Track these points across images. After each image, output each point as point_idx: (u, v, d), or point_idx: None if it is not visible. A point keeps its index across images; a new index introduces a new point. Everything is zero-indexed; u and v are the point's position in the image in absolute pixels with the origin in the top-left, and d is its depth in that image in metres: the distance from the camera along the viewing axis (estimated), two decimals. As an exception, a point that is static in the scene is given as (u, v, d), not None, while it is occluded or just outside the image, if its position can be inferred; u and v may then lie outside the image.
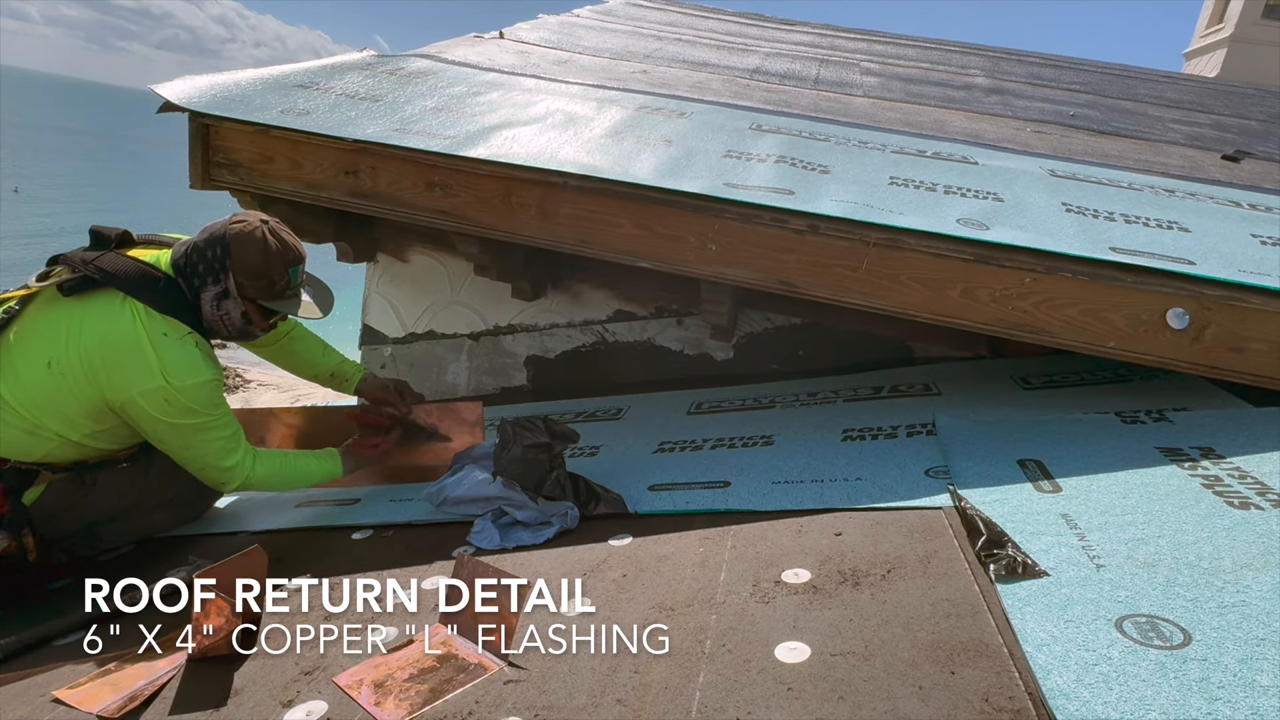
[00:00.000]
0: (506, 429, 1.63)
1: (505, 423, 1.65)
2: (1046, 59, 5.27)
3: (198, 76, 2.29)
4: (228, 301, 1.66)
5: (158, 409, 1.57)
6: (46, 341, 1.56)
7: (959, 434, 1.70)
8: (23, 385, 1.56)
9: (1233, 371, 1.64)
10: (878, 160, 2.28)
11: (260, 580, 1.34)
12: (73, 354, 1.55)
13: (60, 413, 1.57)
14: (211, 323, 1.69)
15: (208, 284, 1.64)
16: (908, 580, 1.13)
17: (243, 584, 1.29)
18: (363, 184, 2.09)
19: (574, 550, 1.45)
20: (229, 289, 1.65)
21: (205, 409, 1.62)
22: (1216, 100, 4.41)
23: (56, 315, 1.58)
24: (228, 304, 1.66)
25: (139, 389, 1.55)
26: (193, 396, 1.59)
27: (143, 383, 1.55)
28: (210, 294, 1.65)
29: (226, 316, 1.68)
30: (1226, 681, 0.81)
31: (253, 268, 1.64)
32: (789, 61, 4.15)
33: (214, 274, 1.64)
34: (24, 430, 1.57)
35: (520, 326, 3.03)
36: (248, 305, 1.68)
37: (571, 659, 1.08)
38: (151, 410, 1.57)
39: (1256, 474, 1.30)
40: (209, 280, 1.64)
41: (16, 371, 1.56)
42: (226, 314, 1.67)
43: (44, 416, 1.57)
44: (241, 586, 1.28)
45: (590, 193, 1.95)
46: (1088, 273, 1.68)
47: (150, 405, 1.56)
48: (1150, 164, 2.65)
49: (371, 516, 1.76)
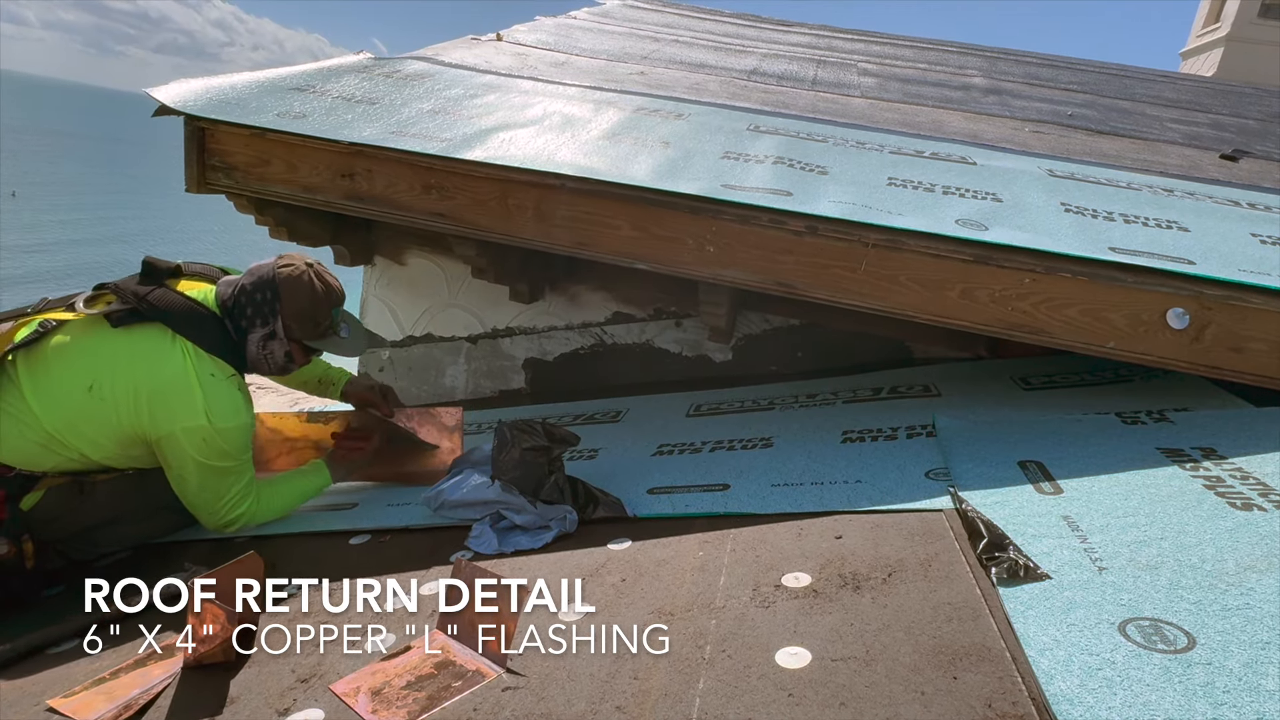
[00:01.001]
0: (504, 432, 1.62)
1: (503, 425, 1.64)
2: (1044, 59, 5.28)
3: (193, 80, 2.29)
4: (274, 342, 1.72)
5: (195, 448, 1.61)
6: (90, 365, 1.58)
7: (959, 435, 1.69)
8: (55, 402, 1.57)
9: (1233, 371, 1.63)
10: (876, 161, 2.28)
11: (257, 586, 1.33)
12: (120, 383, 1.57)
13: (89, 435, 1.59)
14: (255, 361, 1.75)
15: (256, 326, 1.70)
16: (909, 584, 1.12)
17: (239, 590, 1.28)
18: (359, 187, 2.08)
19: (572, 555, 1.44)
20: (276, 330, 1.71)
21: (237, 453, 1.67)
22: (1214, 99, 4.41)
23: (101, 341, 1.60)
24: (274, 344, 1.72)
25: (182, 425, 1.59)
26: (231, 439, 1.64)
27: (186, 420, 1.59)
28: (257, 335, 1.71)
29: (271, 356, 1.74)
30: (1231, 686, 0.80)
31: (300, 311, 1.71)
32: (786, 63, 4.14)
33: (263, 317, 1.70)
34: (38, 443, 1.57)
35: (518, 329, 3.03)
36: (292, 345, 1.75)
37: (570, 665, 1.07)
38: (189, 448, 1.61)
39: (1258, 475, 1.29)
40: (258, 323, 1.70)
41: (51, 388, 1.57)
42: (271, 353, 1.74)
43: (69, 435, 1.58)
44: (238, 592, 1.27)
45: (587, 195, 1.94)
46: (1087, 273, 1.67)
47: (189, 442, 1.60)
48: (1149, 163, 2.64)
49: (369, 521, 1.75)
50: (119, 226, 18.59)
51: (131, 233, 17.74)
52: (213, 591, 1.20)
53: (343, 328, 1.85)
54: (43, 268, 14.40)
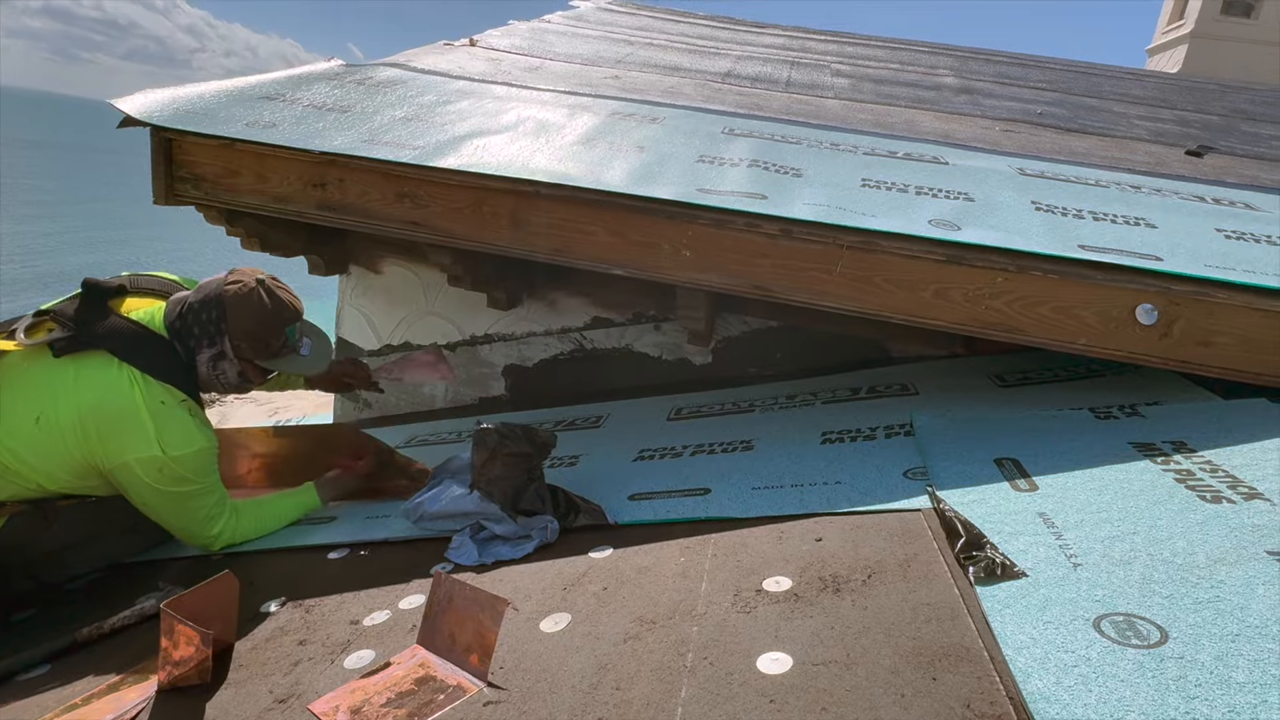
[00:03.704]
0: (488, 437, 1.59)
1: (485, 430, 1.60)
2: (1013, 58, 5.35)
3: (159, 89, 2.25)
4: (224, 363, 1.68)
5: (151, 477, 1.58)
6: (35, 396, 1.54)
7: (936, 434, 1.71)
8: (5, 433, 1.53)
9: (1201, 365, 1.66)
10: (850, 162, 2.29)
11: (232, 607, 1.31)
12: (65, 414, 1.53)
13: (41, 467, 1.56)
14: (207, 382, 1.71)
15: (203, 346, 1.65)
16: (888, 585, 1.13)
17: (214, 611, 1.26)
18: (331, 196, 2.06)
19: (554, 564, 1.43)
20: (225, 351, 1.66)
21: (197, 477, 1.63)
22: (1179, 96, 4.50)
23: (46, 371, 1.55)
24: (224, 365, 1.68)
25: (134, 456, 1.55)
26: (187, 465, 1.60)
27: (138, 450, 1.55)
28: (206, 356, 1.66)
29: (223, 376, 1.70)
30: (1203, 679, 0.81)
31: (249, 331, 1.66)
32: (760, 64, 4.16)
33: (210, 337, 1.64)
34: None
35: (497, 336, 3.01)
36: (244, 365, 1.70)
37: (552, 677, 1.06)
38: (144, 477, 1.58)
39: (1227, 467, 1.32)
40: (204, 343, 1.65)
41: (1, 417, 1.54)
42: (223, 374, 1.69)
43: (22, 466, 1.55)
44: (212, 614, 1.25)
45: (563, 201, 1.94)
46: (1058, 271, 1.69)
47: (144, 472, 1.57)
48: (1117, 161, 2.69)
49: (347, 535, 1.73)
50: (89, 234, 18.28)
51: (101, 240, 17.45)
52: (185, 616, 1.17)
53: (303, 343, 1.80)
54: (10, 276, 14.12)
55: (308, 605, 1.44)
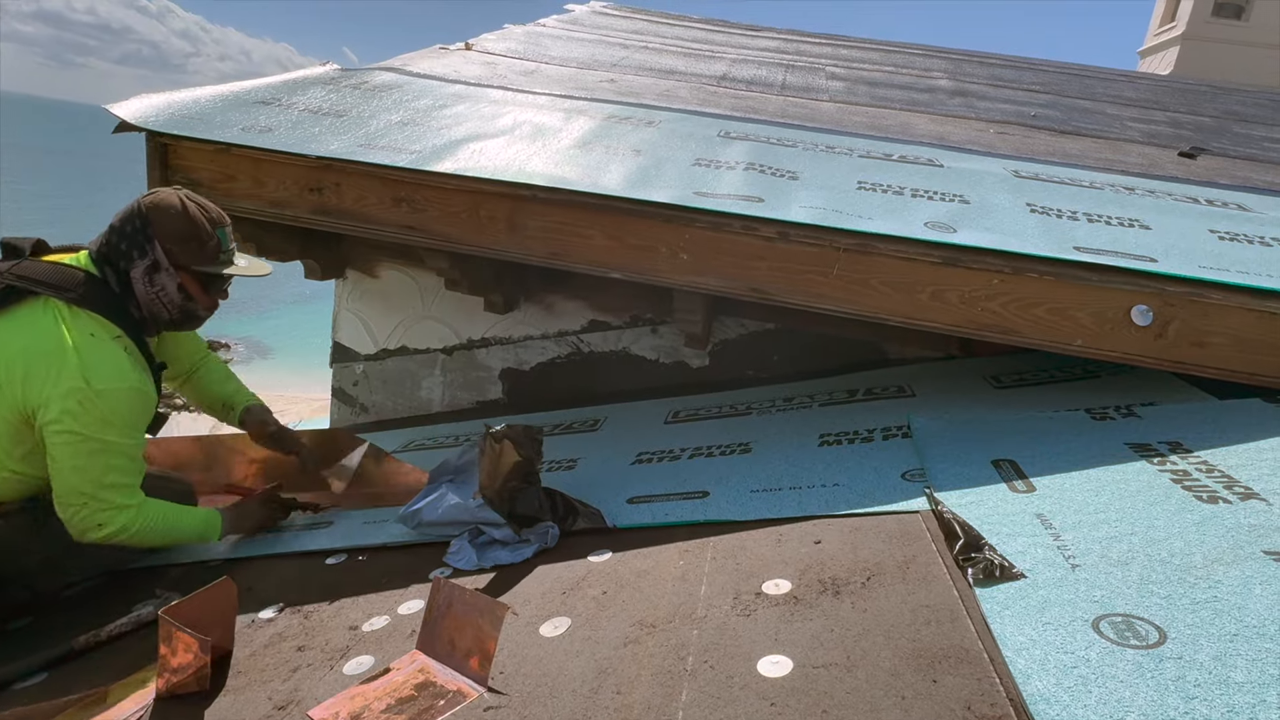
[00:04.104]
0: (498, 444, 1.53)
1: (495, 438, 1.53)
2: (1007, 60, 5.37)
3: (154, 95, 2.25)
4: (161, 275, 1.58)
5: (71, 413, 1.44)
6: None
7: (934, 436, 1.71)
8: None
9: (1196, 365, 1.67)
10: (845, 165, 2.30)
11: (231, 613, 1.31)
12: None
13: None
14: (149, 304, 1.61)
15: (134, 259, 1.56)
16: (888, 587, 1.13)
17: (212, 618, 1.25)
18: (328, 201, 2.06)
19: (553, 568, 1.43)
20: (158, 260, 1.57)
21: (121, 425, 1.50)
22: (1171, 98, 4.53)
23: None
24: (161, 277, 1.58)
25: (56, 390, 1.43)
26: (112, 404, 1.48)
27: (61, 383, 1.44)
28: (140, 270, 1.57)
29: (163, 293, 1.60)
30: (1202, 680, 0.81)
31: (178, 231, 1.58)
32: (755, 67, 4.18)
33: (139, 246, 1.56)
34: None
35: (494, 339, 3.01)
36: (183, 276, 1.61)
37: (553, 681, 1.06)
38: (64, 414, 1.44)
39: (1223, 467, 1.32)
40: (135, 255, 1.56)
41: None
42: (163, 289, 1.59)
43: None
44: (211, 621, 1.24)
45: (560, 205, 1.94)
46: (1053, 272, 1.70)
47: (65, 407, 1.44)
48: (1110, 162, 2.70)
49: (345, 540, 1.73)
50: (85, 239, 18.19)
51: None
52: (183, 623, 1.17)
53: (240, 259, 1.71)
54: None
55: (306, 611, 1.44)
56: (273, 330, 18.61)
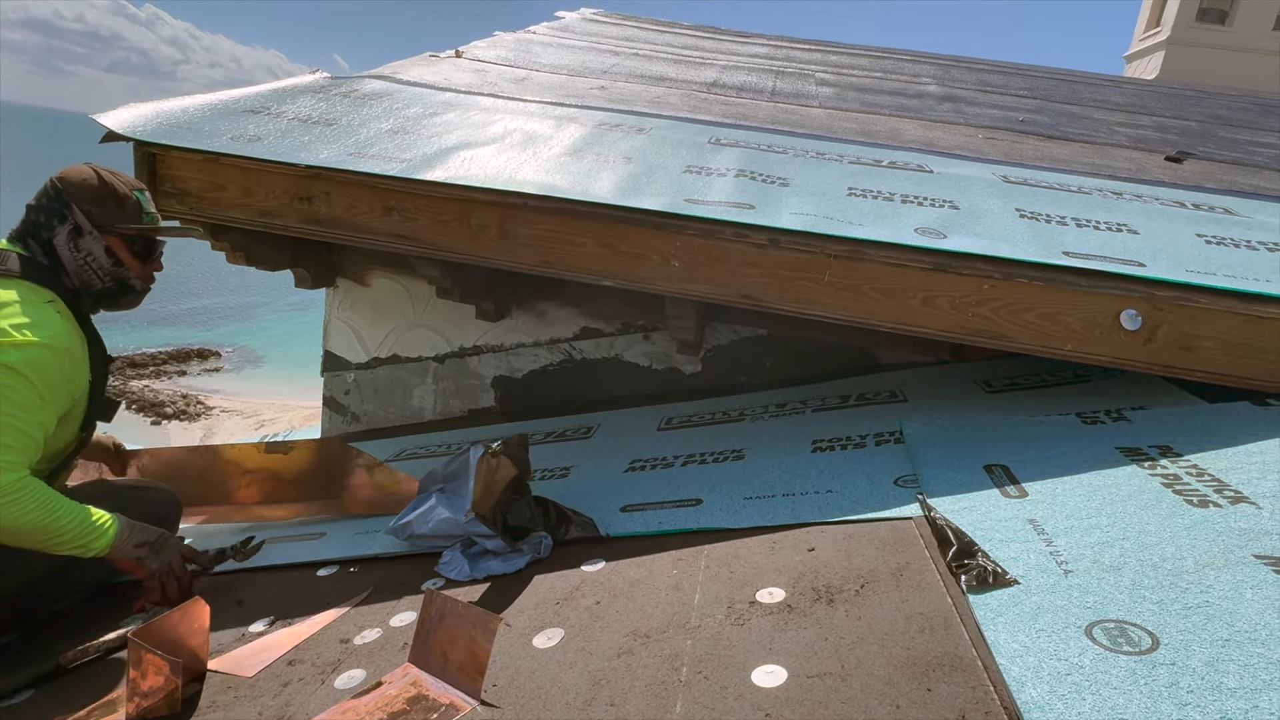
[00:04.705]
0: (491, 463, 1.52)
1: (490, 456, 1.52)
2: (995, 65, 5.41)
3: (142, 104, 2.23)
4: (85, 239, 1.58)
5: None
6: None
7: (926, 441, 1.71)
8: None
9: (1185, 369, 1.68)
10: (836, 171, 2.31)
11: (203, 632, 1.29)
12: None
13: None
14: (78, 272, 1.59)
15: (54, 227, 1.56)
16: (881, 595, 1.13)
17: (185, 638, 1.23)
18: (318, 210, 2.05)
19: (546, 578, 1.42)
20: (79, 224, 1.57)
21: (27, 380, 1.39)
22: (1157, 102, 4.57)
23: None
24: (86, 241, 1.58)
25: None
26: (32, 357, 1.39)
27: None
28: (62, 236, 1.57)
29: (91, 258, 1.59)
30: (1195, 685, 0.82)
31: (93, 191, 1.58)
32: (745, 74, 4.19)
33: (57, 214, 1.56)
34: None
35: (486, 347, 3.00)
36: (109, 239, 1.60)
37: (546, 694, 1.06)
38: None
39: (1213, 471, 1.33)
40: (54, 223, 1.56)
41: None
42: (90, 254, 1.59)
43: None
44: (183, 641, 1.23)
45: (551, 213, 1.94)
46: (1043, 278, 1.71)
47: None
48: (1098, 167, 2.72)
49: (337, 551, 1.72)
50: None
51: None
52: (155, 641, 1.15)
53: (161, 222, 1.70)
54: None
55: (297, 624, 1.42)
56: (264, 339, 18.53)
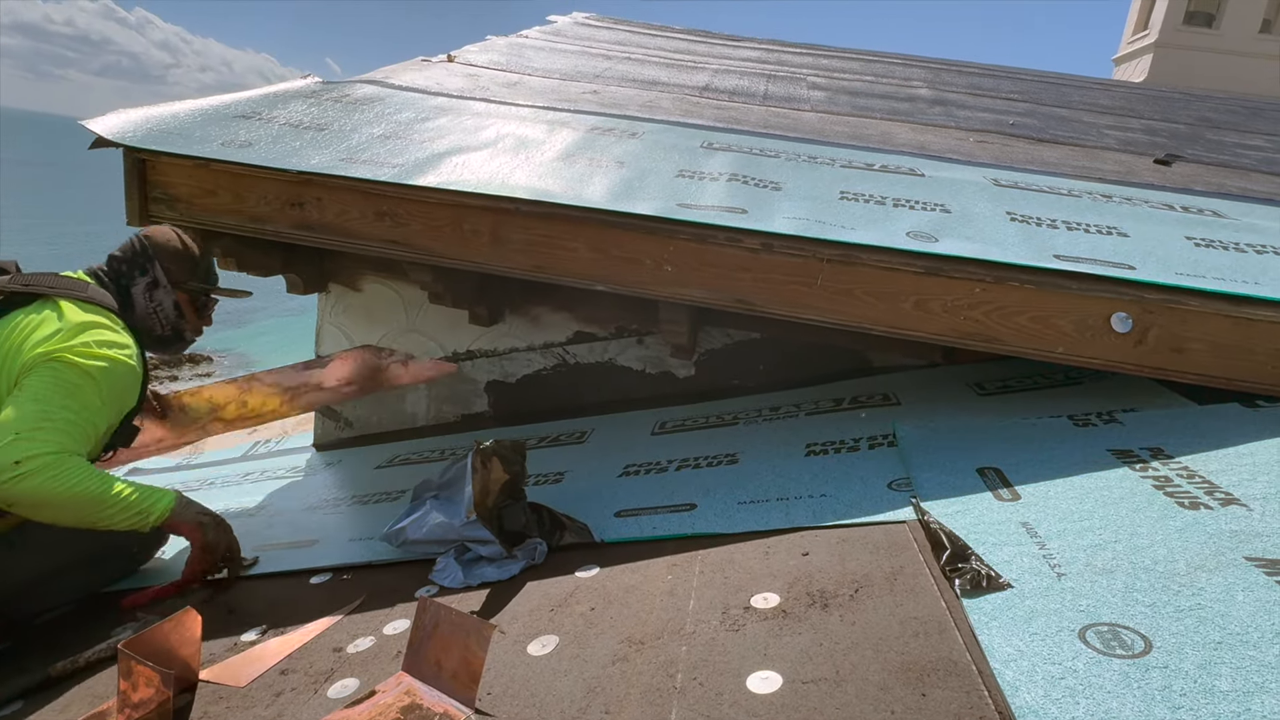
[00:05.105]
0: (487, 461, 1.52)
1: (485, 455, 1.52)
2: (985, 69, 5.44)
3: (132, 110, 2.22)
4: (159, 291, 1.79)
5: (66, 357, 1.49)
6: None
7: (919, 444, 1.72)
8: None
9: (1176, 371, 1.69)
10: (828, 175, 2.31)
11: (195, 642, 1.27)
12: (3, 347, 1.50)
13: None
14: (144, 318, 1.78)
15: (136, 277, 1.77)
16: (876, 599, 1.13)
17: (176, 649, 1.22)
18: (309, 216, 2.04)
19: (540, 584, 1.42)
20: (158, 278, 1.78)
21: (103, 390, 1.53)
22: (1146, 105, 4.60)
23: None
24: (159, 294, 1.79)
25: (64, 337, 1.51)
26: (107, 368, 1.53)
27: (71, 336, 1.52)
28: (141, 286, 1.77)
29: (160, 307, 1.79)
30: (1188, 689, 0.82)
31: (175, 252, 1.81)
32: (738, 78, 4.20)
33: (140, 266, 1.77)
34: None
35: (479, 352, 2.99)
36: (179, 294, 1.82)
37: (541, 702, 1.05)
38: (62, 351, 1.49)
39: (1204, 473, 1.34)
40: (136, 273, 1.77)
41: None
42: (160, 304, 1.79)
43: None
44: (174, 651, 1.22)
45: (543, 217, 1.93)
46: (1034, 281, 1.72)
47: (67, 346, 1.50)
48: (1088, 170, 2.74)
49: (330, 558, 1.71)
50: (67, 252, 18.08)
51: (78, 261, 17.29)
52: (146, 651, 1.14)
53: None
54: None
55: (290, 632, 1.42)
56: (257, 344, 18.42)
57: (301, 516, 2.12)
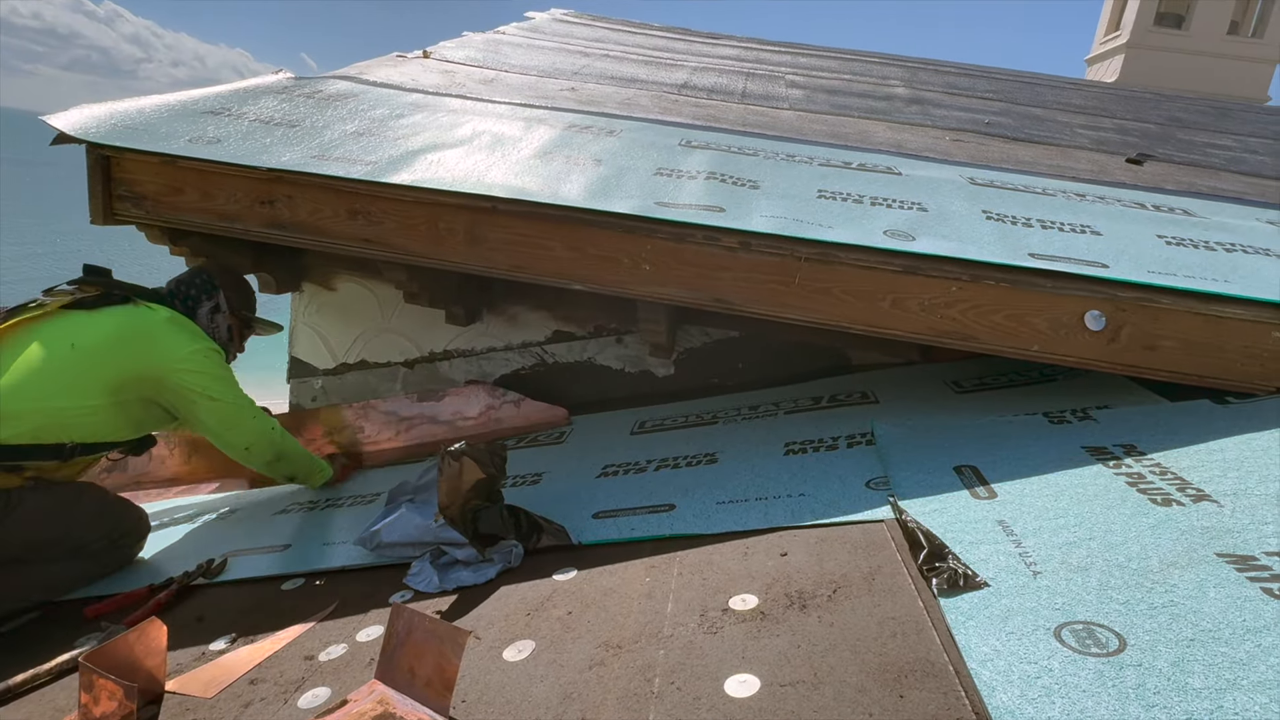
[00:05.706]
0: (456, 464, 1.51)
1: (453, 456, 1.53)
2: (961, 68, 5.49)
3: (95, 105, 2.17)
4: (220, 315, 2.06)
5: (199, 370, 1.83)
6: (68, 330, 1.74)
7: (897, 443, 1.72)
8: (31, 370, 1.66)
9: (1148, 369, 1.71)
10: (806, 173, 2.31)
11: (160, 654, 1.24)
12: (98, 335, 1.74)
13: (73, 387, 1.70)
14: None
15: (203, 301, 2.03)
16: (854, 599, 1.13)
17: (140, 660, 1.19)
18: (280, 214, 2.00)
19: (517, 588, 1.40)
20: (220, 303, 2.06)
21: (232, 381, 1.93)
22: (1118, 105, 4.66)
23: (73, 319, 1.76)
24: (220, 318, 2.06)
25: (178, 354, 1.81)
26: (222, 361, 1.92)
27: (182, 347, 1.82)
28: (206, 308, 2.03)
29: (217, 330, 2.05)
30: (1161, 686, 0.82)
31: (238, 283, 2.13)
32: (716, 76, 4.20)
33: (207, 291, 2.04)
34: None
35: (456, 352, 2.96)
36: (233, 320, 2.09)
37: (517, 708, 1.03)
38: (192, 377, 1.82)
39: (1175, 469, 1.35)
40: (204, 298, 2.03)
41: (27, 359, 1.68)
42: (218, 327, 2.05)
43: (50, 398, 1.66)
44: (138, 663, 1.18)
45: (520, 216, 1.91)
46: (1009, 279, 1.73)
47: (192, 366, 1.82)
48: (1062, 169, 2.76)
49: (302, 564, 1.68)
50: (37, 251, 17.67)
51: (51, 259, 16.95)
52: (108, 664, 1.11)
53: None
54: None
55: (261, 640, 1.39)
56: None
57: (273, 520, 2.08)
